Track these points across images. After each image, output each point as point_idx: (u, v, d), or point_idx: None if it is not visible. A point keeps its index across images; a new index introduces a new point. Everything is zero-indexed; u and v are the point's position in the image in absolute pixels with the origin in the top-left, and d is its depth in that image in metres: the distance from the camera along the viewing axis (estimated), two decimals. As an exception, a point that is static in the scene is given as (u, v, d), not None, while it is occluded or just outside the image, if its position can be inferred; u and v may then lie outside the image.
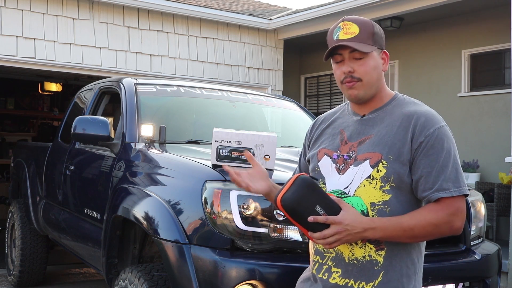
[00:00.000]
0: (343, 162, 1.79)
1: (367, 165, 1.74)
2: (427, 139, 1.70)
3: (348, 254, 1.75)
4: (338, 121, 1.91)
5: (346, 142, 1.82)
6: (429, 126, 1.71)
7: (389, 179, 1.71)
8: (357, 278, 1.73)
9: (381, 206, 1.72)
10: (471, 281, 2.76)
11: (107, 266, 3.13)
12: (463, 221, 1.71)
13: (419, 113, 1.75)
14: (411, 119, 1.74)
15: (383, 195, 1.72)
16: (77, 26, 7.04)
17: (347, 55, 1.77)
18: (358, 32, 1.76)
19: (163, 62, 7.72)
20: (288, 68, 9.28)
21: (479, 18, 7.73)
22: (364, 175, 1.74)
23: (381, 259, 1.73)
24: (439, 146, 1.70)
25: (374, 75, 1.78)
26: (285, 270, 2.30)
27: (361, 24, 1.78)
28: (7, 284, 5.31)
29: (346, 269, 1.75)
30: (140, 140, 3.35)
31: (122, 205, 2.96)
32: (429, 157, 1.69)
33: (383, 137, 1.75)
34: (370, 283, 1.72)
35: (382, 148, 1.73)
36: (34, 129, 10.42)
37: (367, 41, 1.76)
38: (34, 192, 4.99)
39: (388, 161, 1.71)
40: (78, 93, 4.97)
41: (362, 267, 1.73)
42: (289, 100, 4.68)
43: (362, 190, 1.74)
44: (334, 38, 1.78)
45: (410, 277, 1.76)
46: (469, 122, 7.78)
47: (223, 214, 2.38)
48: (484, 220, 3.10)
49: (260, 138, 2.60)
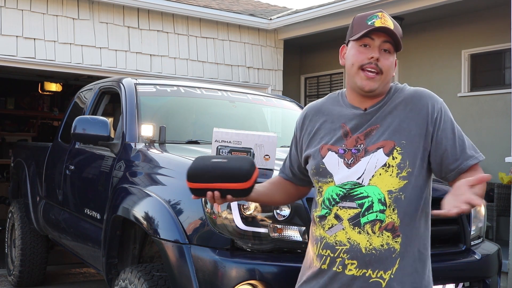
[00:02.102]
0: (352, 156, 1.77)
1: (381, 153, 1.74)
2: (439, 114, 1.78)
3: (366, 244, 1.73)
4: (335, 113, 1.87)
5: (350, 136, 1.80)
6: (434, 102, 1.79)
7: (405, 164, 1.73)
8: (375, 267, 1.73)
9: (397, 193, 1.73)
10: (471, 281, 2.75)
11: (107, 266, 3.13)
12: None
13: (421, 92, 1.82)
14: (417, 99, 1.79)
15: (399, 182, 1.73)
16: (77, 26, 7.04)
17: (378, 43, 1.76)
18: (393, 28, 1.78)
19: (163, 62, 7.72)
20: (288, 68, 9.28)
21: (479, 18, 7.73)
22: (379, 163, 1.74)
23: (398, 246, 1.74)
24: (447, 119, 1.79)
25: (391, 73, 1.81)
26: (285, 270, 2.30)
27: (395, 23, 1.81)
28: (7, 284, 5.31)
29: (363, 259, 1.74)
30: (140, 140, 3.35)
31: (122, 205, 2.96)
32: (445, 131, 1.77)
33: (391, 125, 1.77)
34: (389, 271, 1.73)
35: (393, 135, 1.75)
36: (34, 129, 10.41)
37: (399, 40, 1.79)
38: (34, 192, 4.99)
39: (402, 147, 1.74)
40: (78, 93, 4.97)
41: (380, 256, 1.73)
42: (289, 100, 4.68)
43: (378, 179, 1.74)
44: (368, 23, 1.76)
45: (424, 261, 1.79)
46: (469, 122, 7.78)
47: (223, 214, 2.38)
48: (484, 220, 3.10)
49: (260, 138, 2.60)
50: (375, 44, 1.76)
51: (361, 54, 1.77)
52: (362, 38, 1.77)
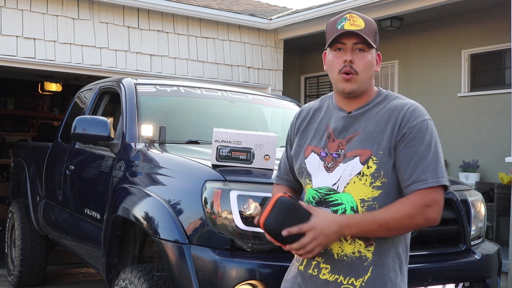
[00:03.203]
0: (332, 160, 1.78)
1: (357, 162, 1.73)
2: (409, 131, 1.71)
3: (338, 250, 1.75)
4: (323, 115, 1.89)
5: (333, 140, 1.81)
6: (413, 119, 1.73)
7: (380, 174, 1.72)
8: (347, 274, 1.74)
9: (371, 202, 1.72)
10: (471, 281, 2.76)
11: (107, 266, 3.13)
12: (439, 212, 1.70)
13: (404, 106, 1.76)
14: (397, 112, 1.75)
15: (372, 191, 1.72)
16: (77, 26, 7.04)
17: (350, 45, 1.77)
18: (363, 27, 1.77)
19: (163, 62, 7.72)
20: (288, 68, 9.28)
21: (479, 18, 7.73)
22: (354, 171, 1.73)
23: (370, 254, 1.73)
24: (420, 138, 1.71)
25: (370, 71, 1.79)
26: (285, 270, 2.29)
27: (366, 20, 1.80)
28: (7, 284, 5.31)
29: (335, 265, 1.75)
30: (140, 140, 3.35)
31: (122, 205, 2.96)
32: (409, 148, 1.70)
33: (371, 133, 1.75)
34: (360, 278, 1.73)
35: (371, 144, 1.74)
36: (34, 129, 10.42)
37: (370, 37, 1.77)
38: (34, 192, 4.99)
39: (378, 157, 1.72)
40: (78, 93, 4.97)
41: (351, 263, 1.74)
42: (289, 100, 4.68)
43: (351, 187, 1.74)
44: (337, 27, 1.78)
45: (396, 271, 1.77)
46: (469, 122, 7.78)
47: (223, 214, 2.38)
48: (484, 220, 3.10)
49: (260, 138, 2.60)
50: (347, 47, 1.77)
51: (336, 59, 1.80)
52: (334, 44, 1.79)
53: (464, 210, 2.85)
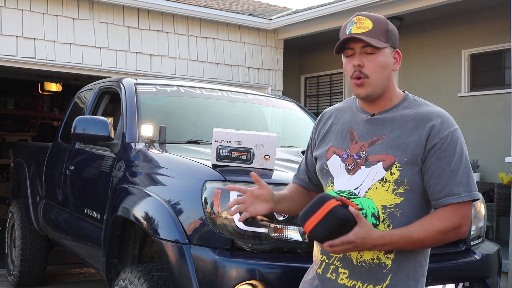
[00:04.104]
0: (353, 162, 1.76)
1: (380, 167, 1.71)
2: (442, 141, 1.68)
3: (357, 256, 1.72)
4: (346, 117, 1.87)
5: (356, 142, 1.79)
6: (444, 129, 1.69)
7: (403, 181, 1.69)
8: (365, 280, 1.71)
9: (393, 209, 1.70)
10: (471, 281, 2.75)
11: (107, 266, 3.13)
12: (469, 226, 1.70)
13: (434, 114, 1.73)
14: (427, 121, 1.71)
15: (395, 198, 1.70)
16: (77, 26, 7.04)
17: (358, 49, 1.74)
18: (371, 27, 1.73)
19: (163, 62, 7.72)
20: (288, 68, 9.28)
21: (479, 18, 7.73)
22: (377, 177, 1.71)
23: (389, 262, 1.71)
24: (452, 150, 1.68)
25: (383, 73, 1.75)
26: (285, 270, 2.30)
27: (375, 20, 1.75)
28: (7, 284, 5.31)
29: (354, 271, 1.73)
30: (140, 140, 3.35)
31: (122, 205, 2.96)
32: (441, 160, 1.67)
33: (396, 139, 1.72)
34: (378, 286, 1.70)
35: (396, 150, 1.70)
36: (34, 129, 10.42)
37: (380, 37, 1.74)
38: (34, 192, 4.99)
39: (402, 164, 1.69)
40: (78, 93, 4.97)
41: (370, 270, 1.71)
42: (289, 100, 4.68)
43: (374, 192, 1.71)
44: (346, 32, 1.75)
45: (418, 279, 1.75)
46: (469, 122, 7.78)
47: (223, 214, 2.38)
48: (484, 220, 3.10)
49: (260, 138, 2.60)
50: (356, 51, 1.74)
51: (347, 64, 1.77)
52: (344, 50, 1.77)
53: (464, 210, 2.85)
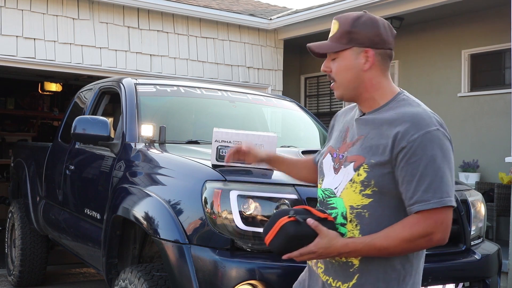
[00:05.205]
0: (338, 162, 1.79)
1: (351, 168, 1.72)
2: (410, 145, 1.60)
3: None
4: (348, 117, 1.89)
5: (346, 142, 1.81)
6: (413, 132, 1.60)
7: (370, 183, 1.66)
8: (335, 277, 1.75)
9: (360, 210, 1.69)
10: (471, 281, 2.76)
11: (107, 266, 3.13)
12: (444, 232, 1.63)
13: (406, 116, 1.65)
14: (398, 122, 1.65)
15: (362, 199, 1.69)
16: (77, 26, 7.04)
17: (327, 55, 1.80)
18: (336, 31, 1.76)
19: (163, 62, 7.72)
20: (288, 68, 9.28)
21: (479, 18, 7.73)
22: (347, 177, 1.72)
23: (357, 261, 1.71)
24: (421, 153, 1.59)
25: (347, 75, 1.74)
26: (285, 270, 2.30)
27: (342, 21, 1.76)
28: (7, 284, 5.31)
29: (327, 266, 1.78)
30: (140, 140, 3.35)
31: (122, 205, 2.96)
32: (411, 165, 1.60)
33: (370, 140, 1.70)
34: (345, 284, 1.72)
35: (367, 152, 1.69)
36: (34, 129, 10.42)
37: (339, 40, 1.73)
38: (34, 192, 4.99)
39: (369, 165, 1.66)
40: (78, 93, 4.97)
41: (338, 267, 1.74)
42: (289, 100, 4.68)
43: (345, 192, 1.73)
44: None
45: (390, 282, 1.69)
46: (469, 122, 7.78)
47: (223, 214, 2.38)
48: (484, 220, 3.10)
49: (260, 138, 2.60)
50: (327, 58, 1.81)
51: None
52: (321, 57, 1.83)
53: (464, 210, 2.85)
